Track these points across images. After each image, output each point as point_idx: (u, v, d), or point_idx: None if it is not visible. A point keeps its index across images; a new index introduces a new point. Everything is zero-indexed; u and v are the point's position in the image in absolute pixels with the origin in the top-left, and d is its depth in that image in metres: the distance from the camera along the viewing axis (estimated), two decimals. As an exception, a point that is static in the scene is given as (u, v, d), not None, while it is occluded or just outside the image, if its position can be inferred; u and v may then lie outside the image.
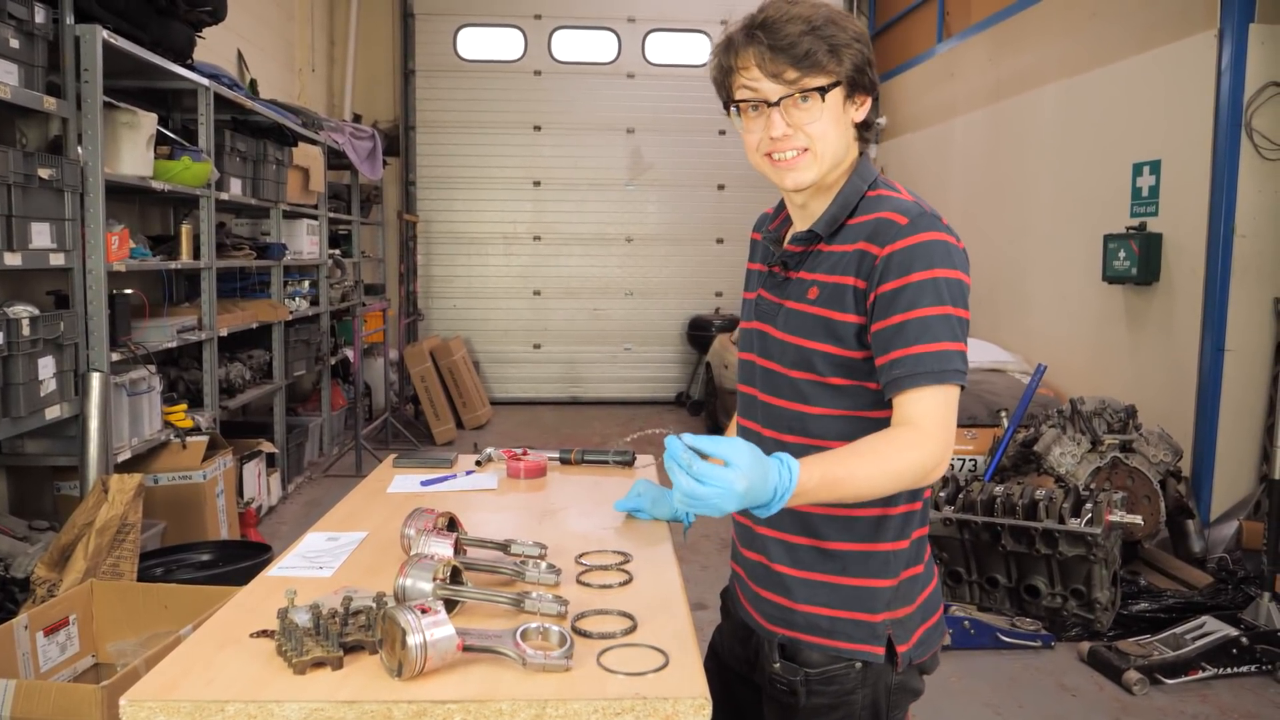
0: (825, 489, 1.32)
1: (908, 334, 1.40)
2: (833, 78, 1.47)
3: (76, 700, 2.25)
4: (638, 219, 10.19)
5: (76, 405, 3.69)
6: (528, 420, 9.26)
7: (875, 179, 1.54)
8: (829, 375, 1.50)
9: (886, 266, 1.43)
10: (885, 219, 1.46)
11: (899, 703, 1.57)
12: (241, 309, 5.54)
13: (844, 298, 1.47)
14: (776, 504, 1.28)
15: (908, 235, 1.43)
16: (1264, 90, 4.69)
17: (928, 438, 1.38)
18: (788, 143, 1.49)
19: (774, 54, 1.46)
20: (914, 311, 1.40)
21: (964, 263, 1.46)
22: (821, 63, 1.45)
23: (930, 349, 1.39)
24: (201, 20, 4.87)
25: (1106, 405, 4.71)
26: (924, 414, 1.39)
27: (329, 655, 1.25)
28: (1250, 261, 4.80)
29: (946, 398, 1.40)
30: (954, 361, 1.40)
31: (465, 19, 9.90)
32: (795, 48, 1.44)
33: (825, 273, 1.50)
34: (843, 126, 1.50)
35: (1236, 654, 3.65)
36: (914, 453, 1.37)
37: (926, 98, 8.62)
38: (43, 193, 3.42)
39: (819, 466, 1.32)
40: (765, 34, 1.46)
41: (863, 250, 1.46)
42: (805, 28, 1.45)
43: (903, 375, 1.40)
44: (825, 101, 1.47)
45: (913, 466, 1.37)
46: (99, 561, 3.21)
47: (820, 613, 1.53)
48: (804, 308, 1.52)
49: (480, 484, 2.22)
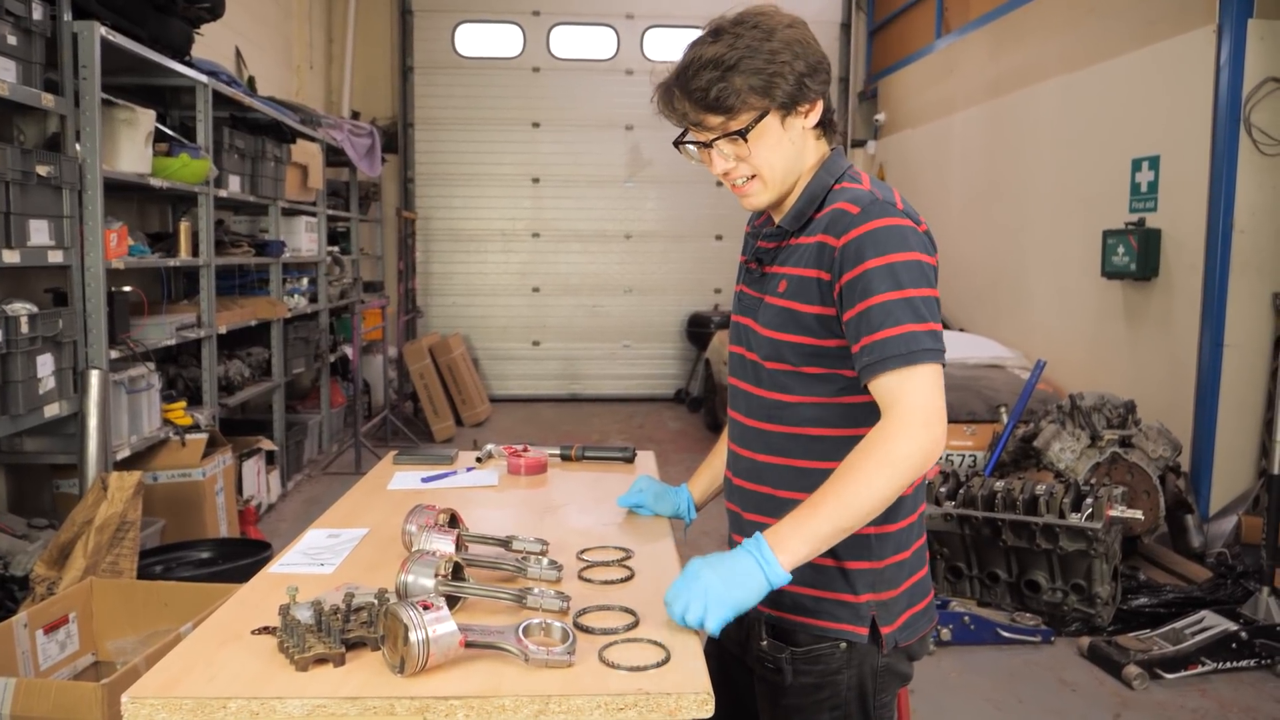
0: (814, 525, 1.39)
1: (871, 321, 1.42)
2: (757, 111, 1.49)
3: (76, 698, 2.25)
4: (636, 215, 10.18)
5: (75, 403, 3.68)
6: (527, 417, 9.25)
7: (843, 173, 1.57)
8: (801, 365, 1.53)
9: (844, 256, 1.46)
10: (839, 209, 1.50)
11: (886, 685, 1.59)
12: (240, 306, 5.53)
13: (809, 290, 1.51)
14: (770, 567, 1.38)
15: (860, 224, 1.46)
16: (1263, 85, 4.69)
17: (908, 423, 1.39)
18: (733, 174, 1.56)
19: (692, 105, 1.50)
20: (873, 298, 1.42)
21: (921, 244, 1.48)
22: (741, 104, 1.47)
23: (894, 332, 1.41)
24: (199, 17, 4.86)
25: (1106, 400, 4.71)
26: (899, 398, 1.41)
27: (331, 652, 1.25)
28: (1249, 256, 4.80)
29: (922, 377, 1.41)
30: (921, 341, 1.41)
31: (464, 15, 9.88)
32: (708, 95, 1.47)
33: (792, 266, 1.55)
34: (786, 145, 1.53)
35: (1236, 649, 3.65)
36: (897, 444, 1.39)
37: (925, 94, 8.61)
38: (41, 190, 3.41)
39: (789, 518, 1.42)
40: (681, 87, 1.50)
41: (821, 242, 1.50)
42: (717, 74, 1.46)
43: (872, 362, 1.42)
44: (754, 135, 1.49)
45: (904, 457, 1.39)
46: (98, 559, 3.21)
47: (805, 593, 1.56)
48: (775, 301, 1.56)
49: (481, 480, 2.22)
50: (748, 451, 1.64)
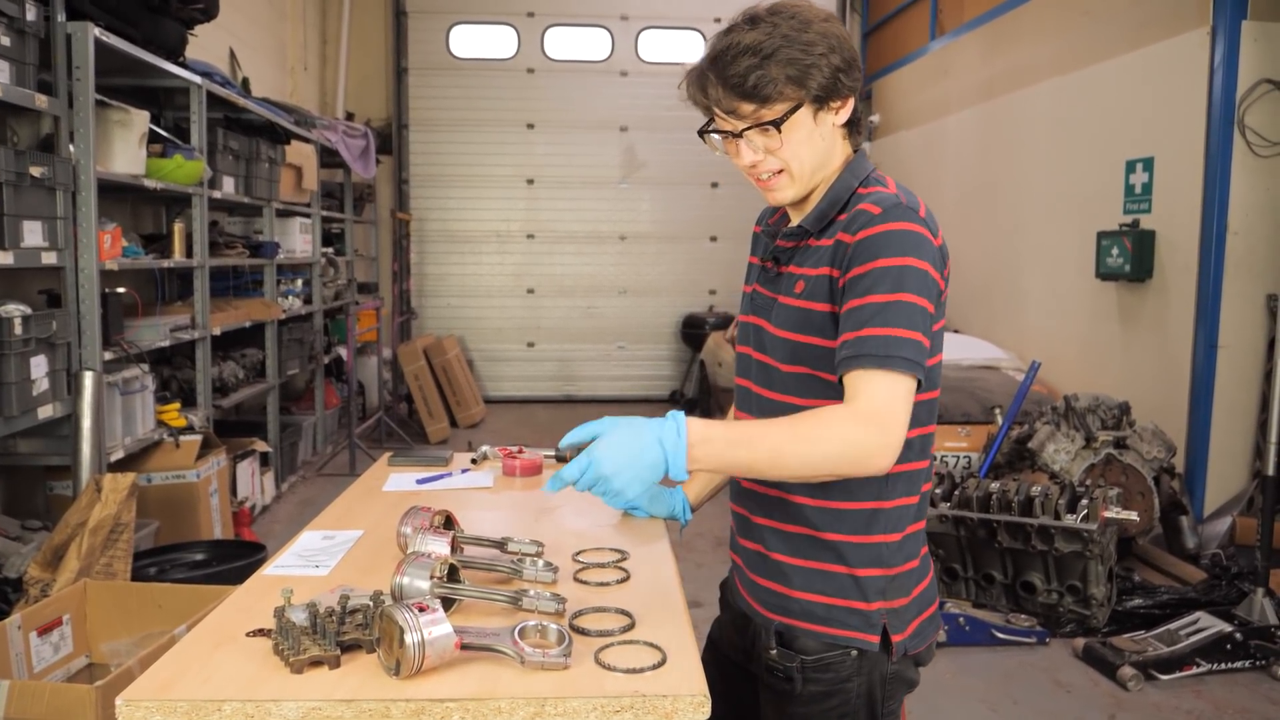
0: (732, 447, 1.37)
1: (861, 316, 1.39)
2: (792, 103, 1.45)
3: (71, 700, 2.24)
4: (631, 217, 10.18)
5: (69, 404, 3.67)
6: (521, 419, 9.25)
7: (868, 175, 1.54)
8: (821, 369, 1.50)
9: (855, 252, 1.43)
10: (861, 209, 1.47)
11: (894, 692, 1.57)
12: (235, 308, 5.52)
13: (822, 289, 1.48)
14: (672, 455, 1.33)
15: (879, 223, 1.43)
16: (1256, 87, 4.70)
17: (865, 419, 1.35)
18: (761, 167, 1.52)
19: (726, 91, 1.46)
20: (872, 296, 1.40)
21: (934, 257, 1.45)
22: (777, 93, 1.44)
23: (879, 332, 1.38)
24: (193, 18, 4.85)
25: (1100, 402, 4.72)
26: (863, 393, 1.36)
27: (326, 654, 1.25)
28: (1243, 258, 4.82)
29: (892, 385, 1.36)
30: (902, 349, 1.37)
31: (458, 17, 9.88)
32: (745, 82, 1.43)
33: (810, 266, 1.52)
34: (817, 139, 1.50)
35: (1230, 649, 3.66)
36: (846, 429, 1.35)
37: (919, 95, 8.63)
38: (34, 191, 3.40)
39: (722, 423, 1.38)
40: (715, 71, 1.46)
41: (839, 240, 1.48)
42: (755, 61, 1.42)
43: (848, 355, 1.39)
44: (787, 126, 1.46)
45: (845, 443, 1.34)
46: (92, 561, 3.20)
47: (816, 600, 1.54)
48: (792, 302, 1.53)
49: (476, 482, 2.21)
50: None
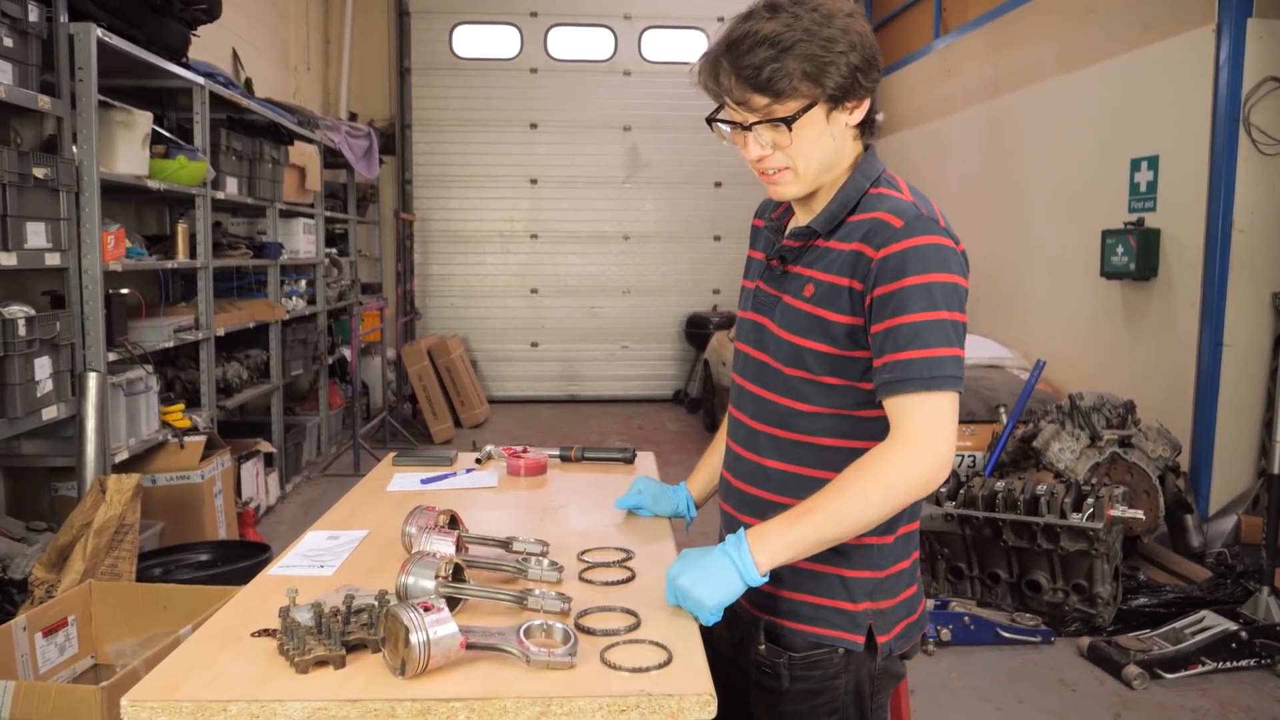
0: (801, 532, 1.40)
1: (899, 338, 1.40)
2: (806, 101, 1.42)
3: (76, 701, 2.24)
4: (635, 217, 10.18)
5: (73, 406, 3.67)
6: (525, 418, 9.25)
7: (879, 176, 1.53)
8: (822, 374, 1.50)
9: (881, 270, 1.42)
10: (881, 220, 1.45)
11: (881, 687, 1.60)
12: (238, 308, 5.52)
13: (839, 298, 1.47)
14: (745, 567, 1.38)
15: (903, 238, 1.42)
16: (1262, 85, 4.69)
17: (916, 447, 1.38)
18: (767, 162, 1.49)
19: (739, 81, 1.42)
20: (906, 316, 1.39)
21: (960, 266, 1.44)
22: (792, 89, 1.40)
23: (920, 354, 1.39)
24: (196, 19, 4.86)
25: (1105, 401, 4.71)
26: (912, 421, 1.39)
27: (331, 654, 1.24)
28: (1248, 256, 4.80)
29: (937, 404, 1.39)
30: (946, 367, 1.39)
31: (461, 17, 9.88)
32: (759, 74, 1.40)
33: (822, 270, 1.50)
34: (828, 139, 1.47)
35: (1236, 648, 3.65)
36: (899, 465, 1.39)
37: (924, 94, 8.61)
38: (38, 192, 3.40)
39: (778, 519, 1.42)
40: (730, 59, 1.42)
41: (859, 251, 1.46)
42: (772, 53, 1.38)
43: (892, 380, 1.40)
44: (799, 124, 1.43)
45: (902, 478, 1.38)
46: (97, 562, 3.20)
47: (804, 599, 1.55)
48: (800, 304, 1.52)
49: (480, 482, 2.21)
50: (753, 455, 1.61)
